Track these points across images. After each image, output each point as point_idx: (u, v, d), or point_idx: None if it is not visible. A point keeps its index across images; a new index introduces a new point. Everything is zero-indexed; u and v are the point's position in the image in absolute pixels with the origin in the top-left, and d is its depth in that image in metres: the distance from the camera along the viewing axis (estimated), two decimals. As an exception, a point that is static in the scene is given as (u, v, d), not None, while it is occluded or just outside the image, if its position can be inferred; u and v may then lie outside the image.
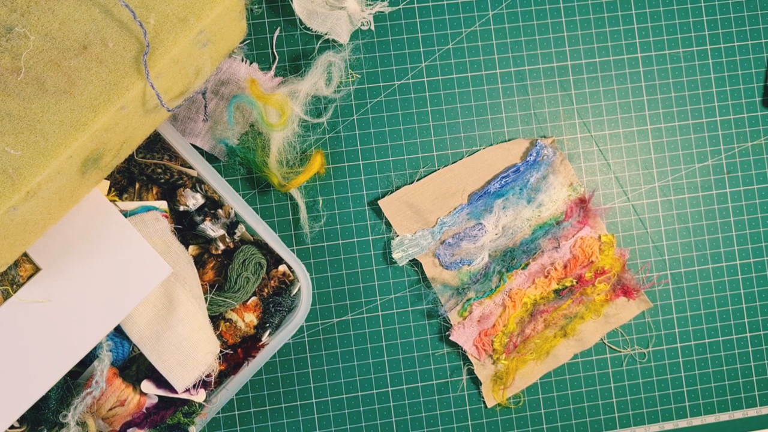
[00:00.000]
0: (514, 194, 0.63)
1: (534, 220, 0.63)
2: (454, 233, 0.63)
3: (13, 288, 0.52)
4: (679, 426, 0.67)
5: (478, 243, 0.63)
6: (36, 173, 0.44)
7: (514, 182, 0.63)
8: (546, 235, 0.63)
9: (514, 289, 0.64)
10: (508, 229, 0.63)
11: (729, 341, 0.67)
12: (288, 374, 0.65)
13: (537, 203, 0.63)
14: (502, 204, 0.63)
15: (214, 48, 0.52)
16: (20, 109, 0.45)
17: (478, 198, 0.63)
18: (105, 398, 0.54)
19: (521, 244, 0.63)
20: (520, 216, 0.63)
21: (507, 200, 0.63)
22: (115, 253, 0.54)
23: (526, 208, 0.63)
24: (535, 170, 0.63)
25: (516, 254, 0.63)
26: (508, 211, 0.63)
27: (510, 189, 0.63)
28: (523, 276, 0.64)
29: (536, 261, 0.64)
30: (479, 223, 0.63)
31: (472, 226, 0.63)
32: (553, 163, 0.63)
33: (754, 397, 0.67)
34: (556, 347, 0.65)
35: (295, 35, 0.64)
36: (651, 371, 0.66)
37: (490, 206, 0.63)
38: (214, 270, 0.60)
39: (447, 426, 0.65)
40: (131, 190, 0.58)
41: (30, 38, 0.46)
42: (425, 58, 0.65)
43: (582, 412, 0.66)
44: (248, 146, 0.61)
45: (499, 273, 0.64)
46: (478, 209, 0.63)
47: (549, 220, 0.63)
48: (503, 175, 0.63)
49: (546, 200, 0.63)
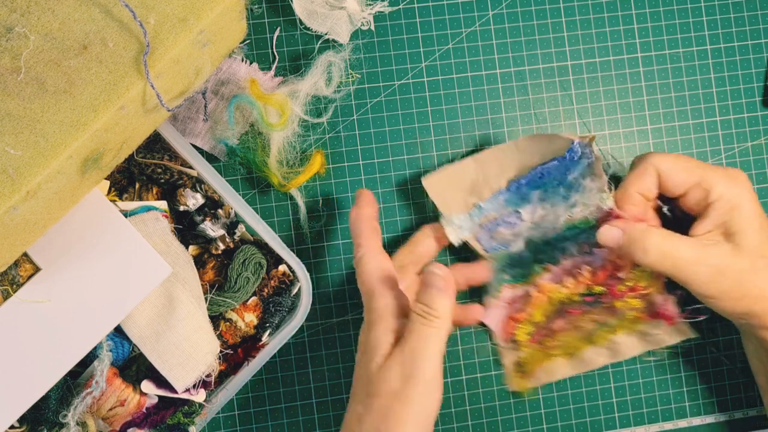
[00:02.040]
0: (552, 188, 0.60)
1: (567, 219, 0.60)
2: (494, 218, 0.61)
3: (12, 288, 0.52)
4: (679, 426, 0.67)
5: (514, 230, 0.61)
6: (36, 173, 0.44)
7: (552, 176, 0.60)
8: (577, 237, 0.60)
9: (545, 283, 0.62)
10: (543, 221, 0.61)
11: (728, 340, 0.67)
12: (288, 374, 0.65)
13: (571, 202, 0.60)
14: (539, 195, 0.60)
15: (214, 48, 0.52)
16: (20, 109, 0.45)
17: (517, 186, 0.60)
18: (105, 398, 0.55)
19: (554, 239, 0.61)
20: (554, 211, 0.60)
21: (544, 192, 0.60)
22: (116, 253, 0.54)
23: (560, 204, 0.60)
24: (573, 168, 0.59)
25: (548, 249, 0.61)
26: (545, 203, 0.60)
27: (548, 182, 0.60)
28: (555, 272, 0.62)
29: (567, 261, 0.61)
30: (516, 211, 0.61)
31: (508, 213, 0.61)
32: (591, 165, 0.59)
33: (754, 397, 0.67)
34: (584, 352, 0.63)
35: (295, 35, 0.64)
36: (650, 371, 0.66)
37: (528, 195, 0.60)
38: (214, 270, 0.60)
39: (447, 426, 0.65)
40: (131, 190, 0.58)
41: (30, 38, 0.46)
42: (425, 58, 0.65)
43: (582, 412, 0.66)
44: (248, 146, 0.61)
45: (533, 263, 0.62)
46: (515, 197, 0.61)
47: (580, 223, 0.60)
48: (544, 166, 0.60)
49: (580, 202, 0.60)
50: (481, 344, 0.66)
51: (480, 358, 0.66)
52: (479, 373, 0.66)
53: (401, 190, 0.65)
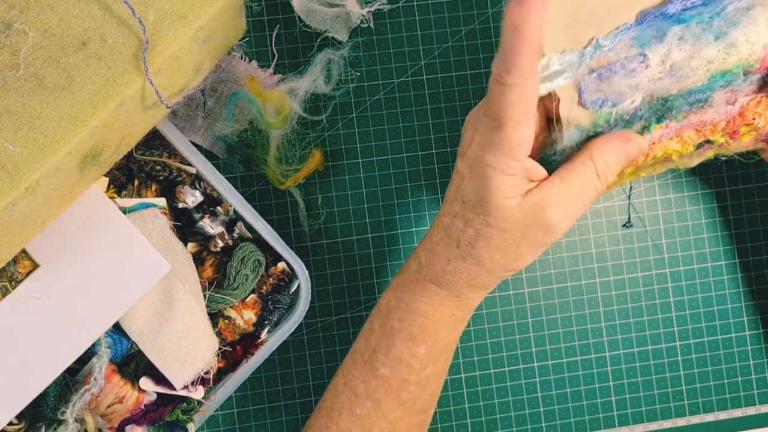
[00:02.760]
0: (699, 23, 0.46)
1: (716, 64, 0.47)
2: (608, 62, 0.47)
3: (11, 285, 0.52)
4: (678, 424, 0.67)
5: (633, 80, 0.47)
6: (35, 169, 0.44)
7: (704, 6, 0.47)
8: (727, 86, 0.48)
9: (653, 142, 0.49)
10: (677, 68, 0.47)
11: (728, 339, 0.67)
12: (287, 372, 0.65)
13: (728, 42, 0.47)
14: (679, 33, 0.46)
15: (213, 45, 0.52)
16: (19, 106, 0.45)
17: (650, 18, 0.47)
18: (103, 395, 0.55)
19: (688, 92, 0.48)
20: (699, 54, 0.47)
21: (687, 29, 0.46)
22: (114, 250, 0.54)
23: (710, 45, 0.47)
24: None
25: (676, 104, 0.48)
26: (684, 44, 0.47)
27: (696, 15, 0.47)
28: (672, 129, 0.49)
29: (697, 115, 0.49)
30: (642, 54, 0.46)
31: (632, 57, 0.47)
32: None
33: (753, 396, 0.67)
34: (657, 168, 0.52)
35: (295, 33, 0.64)
36: (650, 369, 0.66)
37: (662, 33, 0.46)
38: (213, 267, 0.60)
39: (446, 424, 0.65)
40: (130, 187, 0.58)
41: (29, 34, 0.46)
42: (424, 56, 0.65)
43: (581, 411, 0.66)
44: (247, 143, 0.61)
45: (646, 121, 0.49)
46: (646, 34, 0.46)
47: (735, 67, 0.48)
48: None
49: (741, 39, 0.47)
50: (481, 342, 0.66)
51: (479, 357, 0.66)
52: (478, 371, 0.66)
53: (400, 188, 0.65)
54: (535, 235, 0.46)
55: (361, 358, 0.52)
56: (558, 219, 0.45)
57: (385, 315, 0.52)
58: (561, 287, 0.66)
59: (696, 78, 0.47)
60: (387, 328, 0.51)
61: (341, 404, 0.52)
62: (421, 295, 0.50)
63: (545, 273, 0.66)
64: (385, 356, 0.51)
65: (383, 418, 0.51)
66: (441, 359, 0.52)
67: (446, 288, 0.49)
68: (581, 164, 0.46)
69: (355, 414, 0.52)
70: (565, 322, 0.66)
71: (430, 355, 0.51)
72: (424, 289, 0.50)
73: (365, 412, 0.51)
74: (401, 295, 0.51)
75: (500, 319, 0.66)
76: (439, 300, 0.50)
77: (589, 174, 0.46)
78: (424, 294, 0.50)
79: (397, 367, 0.51)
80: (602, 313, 0.66)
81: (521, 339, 0.66)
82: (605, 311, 0.67)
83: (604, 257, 0.67)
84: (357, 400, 0.52)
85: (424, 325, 0.50)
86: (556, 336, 0.66)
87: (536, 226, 0.45)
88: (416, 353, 0.50)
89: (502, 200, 0.45)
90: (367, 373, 0.52)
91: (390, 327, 0.51)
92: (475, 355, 0.66)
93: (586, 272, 0.66)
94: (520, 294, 0.66)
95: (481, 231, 0.46)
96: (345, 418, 0.52)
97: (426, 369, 0.51)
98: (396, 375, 0.51)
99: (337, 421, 0.52)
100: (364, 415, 0.51)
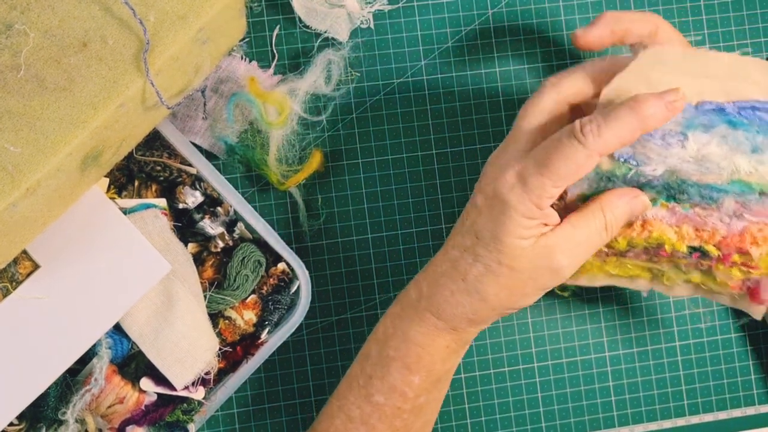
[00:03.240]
0: (745, 132, 0.49)
1: (741, 174, 0.49)
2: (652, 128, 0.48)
3: (12, 285, 0.52)
4: (678, 424, 0.67)
5: (665, 152, 0.48)
6: (36, 170, 0.44)
7: (756, 119, 0.49)
8: (740, 196, 0.50)
9: (656, 220, 0.51)
10: (707, 161, 0.49)
11: (728, 339, 0.67)
12: (287, 372, 0.65)
13: (761, 159, 0.49)
14: (724, 132, 0.48)
15: (213, 46, 0.52)
16: (20, 107, 0.45)
17: (707, 109, 0.49)
18: (104, 396, 0.55)
19: (705, 185, 0.50)
20: (731, 157, 0.49)
21: (733, 132, 0.48)
22: (115, 250, 0.54)
23: (745, 154, 0.49)
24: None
25: (690, 190, 0.50)
26: (724, 144, 0.49)
27: (746, 124, 0.49)
28: (675, 214, 0.51)
29: (702, 211, 0.51)
30: (684, 134, 0.48)
31: (675, 132, 0.48)
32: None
33: (753, 396, 0.67)
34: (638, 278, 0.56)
35: (295, 33, 0.64)
36: (649, 369, 0.66)
37: (710, 126, 0.48)
38: (213, 268, 0.60)
39: (445, 424, 0.65)
40: (130, 187, 0.58)
41: (30, 35, 0.46)
42: (425, 56, 0.65)
43: (581, 411, 0.66)
44: (247, 144, 0.61)
45: (657, 193, 0.51)
46: (697, 120, 0.48)
47: (755, 184, 0.50)
48: (751, 104, 0.49)
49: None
50: (481, 342, 0.66)
51: (479, 357, 0.66)
52: (478, 371, 0.66)
53: (400, 189, 0.65)
54: (542, 277, 0.47)
55: (356, 383, 0.53)
56: (565, 264, 0.47)
57: (383, 342, 0.52)
58: (561, 286, 0.66)
59: (718, 177, 0.49)
60: (383, 355, 0.52)
61: (336, 428, 0.53)
62: (419, 325, 0.51)
63: (545, 273, 0.66)
64: (380, 383, 0.52)
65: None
66: (435, 390, 0.53)
67: (445, 320, 0.50)
68: (592, 214, 0.47)
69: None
70: (565, 322, 0.66)
71: (423, 384, 0.52)
72: (423, 320, 0.51)
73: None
74: (399, 323, 0.52)
75: (500, 319, 0.66)
76: (437, 331, 0.51)
77: (598, 223, 0.47)
78: (422, 324, 0.51)
79: (392, 395, 0.51)
80: (602, 313, 0.67)
81: (521, 339, 0.66)
82: (605, 311, 0.67)
83: (603, 257, 0.67)
84: (351, 425, 0.52)
85: (419, 355, 0.51)
86: (556, 336, 0.66)
87: (544, 268, 0.47)
88: (410, 382, 0.51)
89: (518, 240, 0.46)
90: (362, 398, 0.52)
91: (386, 355, 0.52)
92: (475, 355, 0.66)
93: (586, 272, 0.67)
94: (520, 294, 0.66)
95: (491, 267, 0.47)
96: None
97: (419, 398, 0.52)
98: (390, 403, 0.51)
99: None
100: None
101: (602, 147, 0.44)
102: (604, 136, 0.44)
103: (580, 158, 0.44)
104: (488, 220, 0.47)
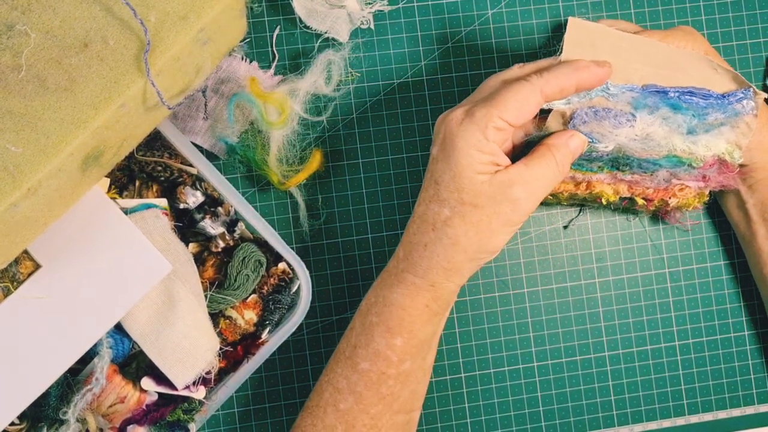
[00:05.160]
0: (684, 115, 0.56)
1: (677, 152, 0.58)
2: (606, 106, 0.55)
3: (13, 285, 0.52)
4: (677, 424, 0.67)
5: (617, 130, 0.55)
6: (37, 170, 0.44)
7: (694, 105, 0.56)
8: (672, 167, 0.58)
9: (598, 181, 0.60)
10: (650, 139, 0.56)
11: (727, 339, 0.67)
12: (287, 371, 0.65)
13: (694, 140, 0.57)
14: (666, 114, 0.56)
15: (214, 46, 0.53)
16: (21, 107, 0.45)
17: (653, 91, 0.56)
18: (105, 395, 0.55)
19: (645, 159, 0.57)
20: (670, 137, 0.57)
21: (673, 114, 0.56)
22: (116, 250, 0.54)
23: (681, 135, 0.57)
24: (722, 111, 0.56)
25: (632, 163, 0.58)
26: (665, 125, 0.56)
27: (686, 108, 0.56)
28: (615, 178, 0.60)
29: (638, 178, 0.59)
30: (633, 115, 0.55)
31: (625, 112, 0.55)
32: (742, 118, 0.57)
33: (752, 395, 0.67)
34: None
35: (295, 34, 0.64)
36: (649, 369, 0.67)
37: (655, 108, 0.56)
38: (214, 267, 0.60)
39: (445, 424, 0.66)
40: (131, 187, 0.58)
41: (31, 36, 0.46)
42: (425, 56, 0.65)
43: (580, 410, 0.66)
44: (248, 144, 0.61)
45: (604, 164, 0.58)
46: (644, 101, 0.56)
47: (686, 159, 0.58)
48: (692, 90, 0.56)
49: (703, 143, 0.58)
50: (481, 342, 0.66)
51: (479, 357, 0.66)
52: (478, 371, 0.66)
53: (400, 189, 0.65)
54: (504, 211, 0.50)
55: (342, 355, 0.55)
56: (524, 196, 0.50)
57: (365, 312, 0.54)
58: (561, 287, 0.66)
59: (657, 152, 0.57)
60: (366, 323, 0.54)
61: (325, 401, 0.54)
62: (398, 287, 0.53)
63: (545, 273, 0.66)
64: (365, 350, 0.53)
65: (365, 412, 0.53)
66: (419, 355, 0.54)
67: (422, 276, 0.52)
68: (541, 153, 0.52)
69: (339, 410, 0.53)
70: (564, 322, 0.67)
71: (406, 348, 0.53)
72: (401, 281, 0.53)
73: (348, 407, 0.53)
74: (380, 291, 0.54)
75: (500, 319, 0.66)
76: (415, 290, 0.52)
77: (549, 161, 0.52)
78: (401, 286, 0.53)
79: (376, 360, 0.53)
80: (602, 313, 0.67)
81: (521, 339, 0.66)
82: (605, 311, 0.67)
83: (603, 257, 0.67)
84: (340, 396, 0.54)
85: (400, 316, 0.53)
86: (556, 336, 0.66)
87: (505, 200, 0.50)
88: (393, 345, 0.53)
89: (474, 175, 0.50)
90: (349, 368, 0.54)
91: (369, 322, 0.54)
92: (475, 355, 0.66)
93: (586, 272, 0.67)
94: (520, 294, 0.66)
95: (455, 209, 0.50)
96: (330, 414, 0.54)
97: (404, 363, 0.53)
98: (375, 368, 0.53)
99: (323, 418, 0.54)
100: (347, 410, 0.53)
101: (544, 84, 0.50)
102: (545, 77, 0.50)
103: (525, 90, 0.49)
104: (444, 163, 0.51)
